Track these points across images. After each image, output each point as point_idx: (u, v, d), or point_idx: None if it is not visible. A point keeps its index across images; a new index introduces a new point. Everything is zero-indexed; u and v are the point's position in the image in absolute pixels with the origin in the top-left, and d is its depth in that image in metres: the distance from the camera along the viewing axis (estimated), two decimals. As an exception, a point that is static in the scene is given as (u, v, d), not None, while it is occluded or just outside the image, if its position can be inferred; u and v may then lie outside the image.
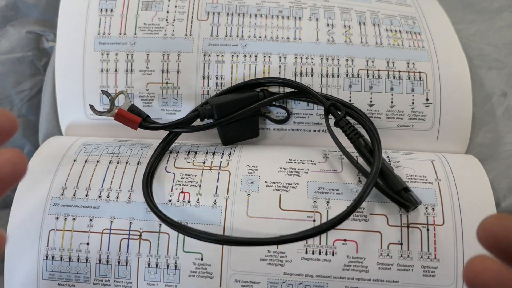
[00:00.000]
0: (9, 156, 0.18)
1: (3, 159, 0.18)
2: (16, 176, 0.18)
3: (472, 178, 0.30)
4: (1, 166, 0.18)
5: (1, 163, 0.18)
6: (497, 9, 0.42)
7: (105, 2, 0.36)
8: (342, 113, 0.31)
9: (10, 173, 0.18)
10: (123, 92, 0.32)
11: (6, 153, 0.18)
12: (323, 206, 0.29)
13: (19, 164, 0.18)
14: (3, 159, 0.18)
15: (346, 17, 0.36)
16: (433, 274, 0.27)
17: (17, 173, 0.18)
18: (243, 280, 0.28)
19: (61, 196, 0.30)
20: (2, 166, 0.18)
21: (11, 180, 0.18)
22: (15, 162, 0.18)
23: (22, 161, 0.18)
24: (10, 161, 0.18)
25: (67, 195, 0.30)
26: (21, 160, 0.18)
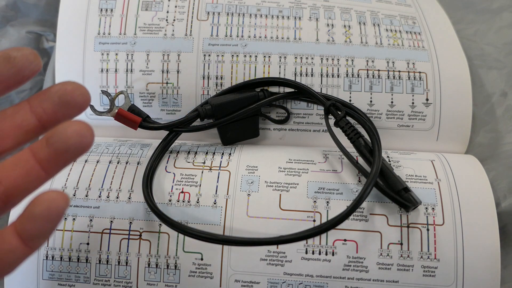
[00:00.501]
0: (78, 127, 0.18)
1: (71, 130, 0.18)
2: (83, 148, 0.18)
3: (472, 178, 0.30)
4: (69, 137, 0.18)
5: (69, 134, 0.18)
6: (497, 9, 0.42)
7: (105, 2, 0.36)
8: (342, 113, 0.31)
9: (77, 144, 0.18)
10: (123, 92, 0.32)
11: (75, 124, 0.18)
12: (323, 206, 0.29)
13: (86, 136, 0.18)
14: (72, 130, 0.18)
15: (346, 17, 0.36)
16: (433, 274, 0.27)
17: (84, 145, 0.18)
18: (243, 280, 0.28)
19: (61, 196, 0.30)
20: (69, 137, 0.18)
21: (77, 152, 0.18)
22: (83, 134, 0.18)
23: (90, 134, 0.18)
24: (78, 132, 0.18)
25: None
26: (89, 132, 0.18)
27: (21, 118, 0.19)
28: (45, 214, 0.18)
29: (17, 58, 0.19)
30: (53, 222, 0.18)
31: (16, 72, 0.19)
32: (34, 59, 0.19)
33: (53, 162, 0.19)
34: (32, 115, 0.20)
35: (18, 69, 0.19)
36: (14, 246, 0.18)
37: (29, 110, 0.20)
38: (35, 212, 0.18)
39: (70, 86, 0.19)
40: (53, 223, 0.18)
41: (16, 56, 0.19)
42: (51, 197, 0.18)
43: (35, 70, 0.19)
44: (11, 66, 0.19)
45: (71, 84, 0.19)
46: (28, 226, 0.18)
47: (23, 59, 0.19)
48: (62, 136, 0.18)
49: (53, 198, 0.18)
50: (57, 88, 0.19)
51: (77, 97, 0.19)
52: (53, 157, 0.19)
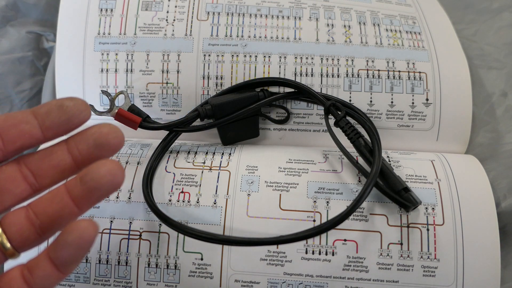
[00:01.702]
0: (110, 167, 0.19)
1: (104, 169, 0.19)
2: (114, 186, 0.20)
3: (472, 178, 0.30)
4: (102, 176, 0.19)
5: (102, 173, 0.19)
6: (497, 9, 0.42)
7: (105, 2, 0.36)
8: (342, 113, 0.31)
9: (109, 183, 0.19)
10: (123, 92, 0.32)
11: (107, 164, 0.20)
12: (323, 206, 0.29)
13: (118, 175, 0.20)
14: (104, 169, 0.19)
15: (346, 17, 0.36)
16: (433, 274, 0.27)
17: (115, 183, 0.20)
18: (243, 280, 0.28)
19: (61, 196, 0.30)
20: (102, 176, 0.19)
21: (109, 190, 0.20)
22: (115, 174, 0.19)
23: (121, 173, 0.20)
24: (111, 172, 0.19)
25: (67, 195, 0.30)
26: (120, 171, 0.20)
27: (58, 158, 0.21)
28: (77, 242, 0.19)
29: (69, 107, 0.20)
30: (84, 249, 0.19)
31: (67, 120, 0.20)
32: (84, 109, 0.21)
33: (85, 199, 0.20)
34: (69, 156, 0.21)
35: (69, 117, 0.20)
36: (49, 272, 0.20)
37: (66, 150, 0.21)
38: (68, 240, 0.19)
39: (106, 129, 0.21)
40: (85, 250, 0.19)
41: (68, 105, 0.20)
42: (83, 226, 0.19)
43: (84, 120, 0.21)
44: (63, 113, 0.20)
45: (106, 126, 0.21)
46: (62, 253, 0.19)
47: (74, 109, 0.20)
48: (95, 175, 0.19)
49: (84, 227, 0.19)
50: (93, 131, 0.21)
51: (111, 140, 0.21)
52: (86, 194, 0.20)
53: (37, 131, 0.20)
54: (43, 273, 0.20)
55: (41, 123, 0.20)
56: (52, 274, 0.20)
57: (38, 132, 0.20)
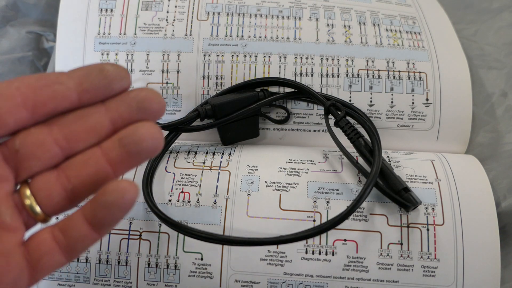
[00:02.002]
0: (152, 130, 0.19)
1: (146, 132, 0.19)
2: (154, 150, 0.19)
3: (472, 178, 0.30)
4: (143, 139, 0.19)
5: (143, 136, 0.19)
6: (497, 9, 0.42)
7: (105, 2, 0.36)
8: (342, 113, 0.31)
9: (149, 147, 0.19)
10: (123, 92, 0.32)
11: (148, 127, 0.19)
12: (323, 206, 0.29)
13: (158, 139, 0.19)
14: (146, 132, 0.19)
15: (346, 17, 0.36)
16: (433, 274, 0.27)
17: (156, 147, 0.19)
18: (243, 280, 0.28)
19: (61, 196, 0.30)
20: (143, 139, 0.19)
21: (149, 154, 0.19)
22: (156, 137, 0.19)
23: (161, 137, 0.19)
24: (152, 135, 0.19)
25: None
26: (160, 135, 0.19)
27: (95, 120, 0.20)
28: (118, 202, 0.18)
29: (110, 71, 0.19)
30: (125, 210, 0.18)
31: (107, 84, 0.19)
32: (125, 75, 0.20)
33: (124, 163, 0.19)
34: (107, 118, 0.20)
35: (109, 81, 0.19)
36: (84, 233, 0.19)
37: (104, 113, 0.20)
38: (108, 200, 0.18)
39: (149, 93, 0.20)
40: (125, 212, 0.18)
41: (109, 69, 0.19)
42: (124, 186, 0.18)
43: (124, 87, 0.20)
44: (103, 77, 0.19)
45: (149, 91, 0.20)
46: (101, 213, 0.18)
47: (115, 73, 0.19)
48: (136, 138, 0.19)
49: (126, 187, 0.18)
50: (135, 94, 0.20)
51: (154, 104, 0.20)
52: (125, 157, 0.19)
53: (72, 93, 0.19)
54: (78, 234, 0.19)
55: (78, 85, 0.19)
56: (88, 235, 0.19)
57: (73, 95, 0.19)
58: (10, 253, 0.18)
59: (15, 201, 0.19)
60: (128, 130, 0.19)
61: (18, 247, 0.19)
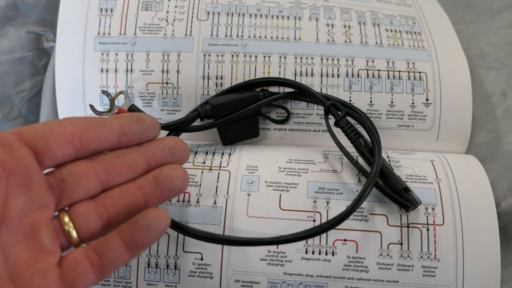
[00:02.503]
0: (182, 173, 0.23)
1: (177, 173, 0.22)
2: (182, 190, 0.23)
3: (472, 178, 0.30)
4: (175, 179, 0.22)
5: (175, 176, 0.22)
6: (497, 9, 0.42)
7: (105, 2, 0.36)
8: (342, 113, 0.31)
9: (179, 185, 0.23)
10: (123, 92, 0.32)
11: (179, 169, 0.23)
12: (323, 206, 0.29)
13: (186, 181, 0.23)
14: (177, 173, 0.22)
15: (346, 17, 0.36)
16: (433, 274, 0.27)
17: (183, 187, 0.23)
18: (243, 280, 0.28)
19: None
20: (175, 178, 0.22)
21: (178, 192, 0.23)
22: (185, 179, 0.23)
23: (188, 179, 0.23)
24: (182, 177, 0.23)
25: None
26: (187, 178, 0.23)
27: (133, 159, 0.23)
28: (156, 226, 0.21)
29: (147, 120, 0.23)
30: (160, 234, 0.21)
31: (143, 131, 0.23)
32: (157, 125, 0.23)
33: (155, 197, 0.22)
34: (143, 158, 0.23)
35: (145, 129, 0.23)
36: (119, 253, 0.21)
37: (140, 153, 0.23)
38: (149, 224, 0.21)
39: (179, 141, 0.24)
40: (159, 236, 0.21)
41: (146, 119, 0.23)
42: (161, 213, 0.21)
43: (155, 136, 0.24)
44: (140, 124, 0.23)
45: (178, 140, 0.24)
46: (139, 235, 0.21)
47: (150, 123, 0.23)
48: (169, 176, 0.22)
49: (163, 214, 0.21)
50: (168, 141, 0.23)
51: (183, 152, 0.24)
52: (158, 192, 0.22)
53: (113, 135, 0.22)
54: (113, 254, 0.21)
55: (119, 129, 0.22)
56: (122, 255, 0.21)
57: (114, 137, 0.22)
58: (47, 273, 0.20)
59: (54, 226, 0.21)
60: (162, 169, 0.22)
61: (55, 268, 0.20)
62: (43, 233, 0.20)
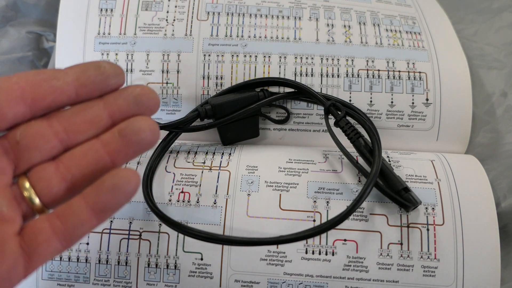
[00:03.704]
0: (150, 123, 0.20)
1: (145, 124, 0.20)
2: (152, 143, 0.20)
3: (472, 178, 0.30)
4: (143, 130, 0.20)
5: (143, 127, 0.20)
6: (497, 9, 0.42)
7: (105, 2, 0.36)
8: (342, 113, 0.31)
9: (148, 138, 0.20)
10: (123, 92, 0.32)
11: (147, 120, 0.20)
12: (323, 206, 0.29)
13: (156, 132, 0.20)
14: (145, 124, 0.20)
15: (346, 17, 0.36)
16: (433, 274, 0.27)
17: (153, 140, 0.20)
18: (243, 280, 0.28)
19: (61, 196, 0.30)
20: (143, 130, 0.20)
21: (147, 145, 0.20)
22: (154, 130, 0.20)
23: (158, 131, 0.20)
24: (151, 128, 0.20)
25: (67, 195, 0.30)
26: (157, 129, 0.20)
27: (94, 113, 0.20)
28: (124, 187, 0.19)
29: (106, 67, 0.20)
30: (128, 196, 0.19)
31: (103, 79, 0.20)
32: (120, 72, 0.21)
33: (122, 153, 0.20)
34: (105, 112, 0.21)
35: (105, 77, 0.20)
36: (84, 218, 0.19)
37: (102, 106, 0.21)
38: (115, 184, 0.19)
39: (145, 89, 0.21)
40: (128, 198, 0.19)
41: (105, 66, 0.20)
42: (129, 173, 0.19)
43: (119, 83, 0.21)
44: (100, 73, 0.20)
45: (144, 87, 0.21)
46: (105, 197, 0.19)
47: (111, 70, 0.21)
48: (136, 128, 0.20)
49: (131, 174, 0.19)
50: (132, 89, 0.21)
51: (150, 100, 0.21)
52: (125, 148, 0.20)
53: (70, 88, 0.20)
54: (77, 219, 0.19)
55: (75, 80, 0.20)
56: (88, 220, 0.19)
57: (71, 89, 0.20)
58: (5, 242, 0.18)
59: (14, 193, 0.20)
60: (128, 122, 0.20)
61: (14, 237, 0.19)
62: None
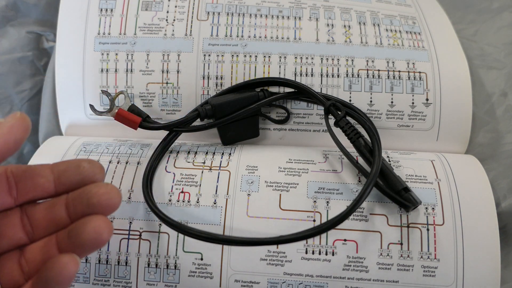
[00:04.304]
0: (96, 224, 0.21)
1: (90, 227, 0.21)
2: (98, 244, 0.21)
3: (472, 178, 0.30)
4: (87, 233, 0.20)
5: (87, 230, 0.20)
6: (497, 9, 0.42)
7: (105, 2, 0.36)
8: (342, 113, 0.31)
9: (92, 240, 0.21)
10: (123, 92, 0.32)
11: (94, 221, 0.21)
12: (323, 206, 0.29)
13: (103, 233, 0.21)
14: (90, 227, 0.21)
15: (346, 17, 0.36)
16: (433, 274, 0.27)
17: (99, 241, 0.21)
18: (243, 280, 0.28)
19: (61, 196, 0.30)
20: (87, 232, 0.20)
21: (92, 247, 0.21)
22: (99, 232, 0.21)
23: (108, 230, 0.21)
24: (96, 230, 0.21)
25: (67, 195, 0.30)
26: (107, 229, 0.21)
27: (56, 213, 0.22)
28: (57, 278, 0.20)
29: (86, 168, 0.22)
30: (63, 284, 0.20)
31: (81, 180, 0.22)
32: (99, 171, 0.22)
33: (71, 252, 0.21)
34: (66, 212, 0.22)
35: (83, 177, 0.22)
36: None
37: (64, 206, 0.22)
38: (48, 276, 0.20)
39: (102, 189, 0.22)
40: (65, 285, 0.20)
41: (85, 166, 0.22)
42: (63, 262, 0.20)
43: (96, 181, 0.22)
44: (78, 173, 0.22)
45: (102, 186, 0.22)
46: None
47: (90, 170, 0.22)
48: (80, 232, 0.21)
49: (65, 262, 0.20)
50: (88, 190, 0.22)
51: (104, 201, 0.21)
52: (71, 248, 0.21)
53: (51, 185, 0.22)
54: None
55: (56, 179, 0.22)
56: None
57: (51, 186, 0.22)
58: None
59: None
60: (76, 224, 0.21)
61: None
62: None
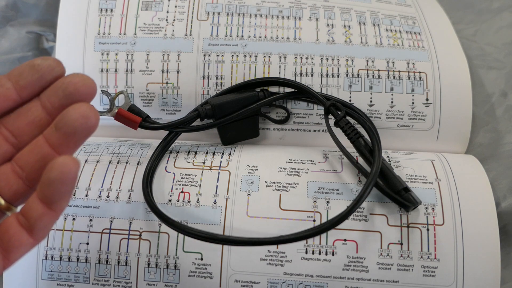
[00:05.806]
0: (82, 110, 0.20)
1: (76, 113, 0.20)
2: (89, 128, 0.20)
3: (472, 178, 0.30)
4: (75, 119, 0.20)
5: (75, 117, 0.20)
6: (497, 9, 0.42)
7: (105, 2, 0.36)
8: (342, 113, 0.31)
9: (83, 125, 0.20)
10: (123, 92, 0.32)
11: (79, 107, 0.20)
12: (323, 206, 0.29)
13: (91, 117, 0.20)
14: (77, 113, 0.20)
15: (346, 17, 0.36)
16: (433, 274, 0.27)
17: (90, 125, 0.20)
18: (243, 280, 0.28)
19: (61, 196, 0.30)
20: (75, 119, 0.20)
21: (84, 133, 0.20)
22: (87, 116, 0.20)
23: (94, 114, 0.20)
24: (83, 115, 0.20)
25: (67, 195, 0.30)
26: (93, 113, 0.20)
27: (34, 114, 0.22)
28: (60, 177, 0.19)
29: (40, 65, 0.21)
30: (69, 184, 0.19)
31: (39, 78, 0.21)
32: (56, 65, 0.22)
33: (64, 145, 0.21)
34: (43, 110, 0.21)
35: (41, 74, 0.21)
36: (42, 212, 0.20)
37: (40, 106, 0.22)
38: (51, 177, 0.19)
39: (75, 78, 0.21)
40: (69, 186, 0.20)
41: (39, 64, 0.21)
42: (63, 161, 0.19)
43: (57, 76, 0.22)
44: (34, 72, 0.21)
45: (77, 76, 0.21)
46: (47, 191, 0.20)
47: (45, 66, 0.21)
48: (68, 120, 0.20)
49: (64, 162, 0.19)
50: (60, 82, 0.21)
51: (80, 88, 0.21)
52: (64, 140, 0.20)
53: (12, 92, 0.21)
54: (36, 214, 0.20)
55: (15, 84, 0.21)
56: (45, 213, 0.20)
57: (13, 94, 0.21)
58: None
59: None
60: (62, 114, 0.20)
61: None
62: None
